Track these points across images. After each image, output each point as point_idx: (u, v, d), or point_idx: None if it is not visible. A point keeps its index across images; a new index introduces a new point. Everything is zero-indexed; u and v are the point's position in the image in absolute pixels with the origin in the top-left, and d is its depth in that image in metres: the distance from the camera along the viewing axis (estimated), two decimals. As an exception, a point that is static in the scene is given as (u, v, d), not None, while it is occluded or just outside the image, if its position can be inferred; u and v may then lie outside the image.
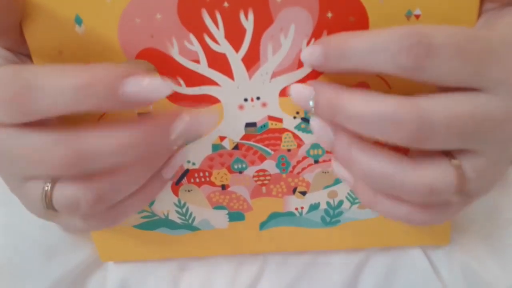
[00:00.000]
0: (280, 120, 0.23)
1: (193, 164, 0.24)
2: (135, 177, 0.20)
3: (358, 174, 0.20)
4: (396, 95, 0.18)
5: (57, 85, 0.17)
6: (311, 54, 0.20)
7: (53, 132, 0.18)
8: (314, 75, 0.22)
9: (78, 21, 0.20)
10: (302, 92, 0.20)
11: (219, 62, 0.21)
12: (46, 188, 0.19)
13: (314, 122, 0.21)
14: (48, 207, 0.19)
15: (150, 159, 0.21)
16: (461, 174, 0.18)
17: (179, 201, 0.26)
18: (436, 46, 0.17)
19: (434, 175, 0.18)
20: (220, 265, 0.29)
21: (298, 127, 0.23)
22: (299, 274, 0.29)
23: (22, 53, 0.22)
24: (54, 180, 0.19)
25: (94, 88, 0.17)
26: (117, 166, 0.19)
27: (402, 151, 0.19)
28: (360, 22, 0.20)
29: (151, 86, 0.17)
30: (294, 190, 0.25)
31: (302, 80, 0.22)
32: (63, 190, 0.19)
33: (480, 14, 0.20)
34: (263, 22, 0.20)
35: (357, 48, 0.18)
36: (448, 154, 0.19)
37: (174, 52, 0.21)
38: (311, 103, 0.20)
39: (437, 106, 0.17)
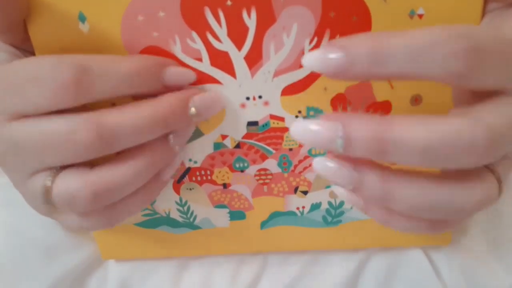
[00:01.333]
0: (282, 119, 0.23)
1: (195, 162, 0.24)
2: (135, 176, 0.20)
3: (400, 209, 0.17)
4: (453, 115, 0.16)
5: (114, 71, 0.19)
6: (328, 59, 0.16)
7: (73, 115, 0.19)
8: (316, 74, 0.22)
9: (82, 18, 0.20)
10: (321, 134, 0.17)
11: (221, 60, 0.21)
12: (48, 182, 0.19)
13: (326, 163, 0.18)
14: (47, 202, 0.20)
15: (149, 158, 0.21)
16: (502, 184, 0.18)
17: (181, 200, 0.26)
18: (485, 48, 0.15)
19: (483, 191, 0.17)
20: (221, 264, 0.29)
21: (300, 126, 0.23)
22: (299, 274, 0.29)
23: (26, 50, 0.22)
24: (56, 174, 0.20)
25: (145, 75, 0.20)
26: (134, 144, 0.20)
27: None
28: (363, 21, 0.20)
29: (182, 73, 0.21)
30: (296, 190, 0.25)
31: (304, 79, 0.22)
32: (63, 184, 0.19)
33: (484, 14, 0.20)
34: (266, 20, 0.20)
35: (397, 49, 0.15)
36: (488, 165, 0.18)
37: (177, 50, 0.21)
38: (339, 141, 0.16)
39: (502, 119, 0.16)
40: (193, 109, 0.21)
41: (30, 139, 0.19)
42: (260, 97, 0.22)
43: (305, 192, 0.25)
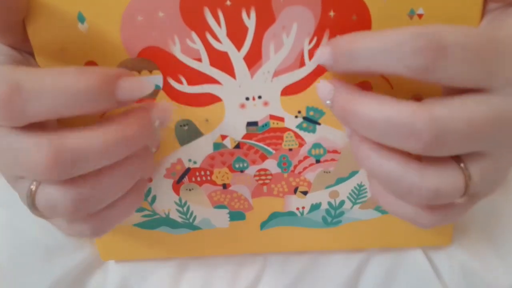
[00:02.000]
0: (281, 119, 0.23)
1: (194, 162, 0.24)
2: (115, 185, 0.20)
3: (366, 170, 0.20)
4: (410, 101, 0.17)
5: (51, 87, 0.17)
6: (321, 56, 0.20)
7: (36, 133, 0.18)
8: (316, 74, 0.22)
9: (81, 19, 0.20)
10: (324, 89, 0.20)
11: (221, 61, 0.21)
12: (32, 188, 0.19)
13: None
14: (32, 208, 0.19)
15: (131, 164, 0.20)
16: (467, 177, 0.18)
17: (180, 200, 0.26)
18: (448, 47, 0.16)
19: (441, 179, 0.18)
20: (221, 265, 0.29)
21: (299, 126, 0.23)
22: (299, 275, 0.28)
23: (25, 51, 0.22)
24: (39, 182, 0.19)
25: (93, 93, 0.17)
26: (101, 166, 0.19)
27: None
28: (363, 21, 0.20)
29: (140, 84, 0.19)
30: (295, 190, 0.25)
31: (303, 79, 0.22)
32: (44, 192, 0.19)
33: (483, 14, 0.20)
34: (265, 20, 0.20)
35: (366, 49, 0.17)
36: (456, 157, 0.19)
37: (176, 50, 0.21)
38: (328, 102, 0.20)
39: (452, 113, 0.17)
40: (157, 122, 0.21)
41: (2, 150, 0.18)
42: (259, 97, 0.22)
43: (304, 193, 0.25)
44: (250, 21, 0.20)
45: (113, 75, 0.18)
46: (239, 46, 0.21)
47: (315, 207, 0.26)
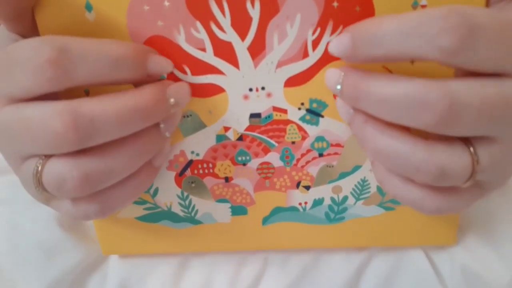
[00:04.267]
0: (285, 111, 0.23)
1: (197, 155, 0.24)
2: (125, 162, 0.20)
3: (371, 152, 0.19)
4: (423, 78, 0.17)
5: (98, 54, 0.18)
6: (339, 44, 0.19)
7: (52, 102, 0.18)
8: (319, 65, 0.22)
9: (88, 7, 0.21)
10: (333, 75, 0.20)
11: (225, 51, 0.21)
12: (38, 165, 0.19)
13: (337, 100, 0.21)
14: (38, 186, 0.19)
15: (141, 142, 0.20)
16: (475, 160, 0.18)
17: (182, 193, 0.26)
18: (479, 25, 0.16)
19: (448, 157, 0.18)
20: (221, 264, 0.29)
21: (303, 118, 0.23)
22: (300, 275, 0.28)
23: None
24: (47, 159, 0.19)
25: (130, 60, 0.19)
26: (113, 138, 0.19)
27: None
28: (366, 12, 0.20)
29: (164, 62, 0.21)
30: (298, 184, 0.25)
31: (307, 71, 0.22)
32: (52, 167, 0.19)
33: (488, 6, 0.20)
34: (269, 10, 0.21)
35: (393, 30, 0.17)
36: (465, 140, 0.18)
37: (181, 40, 0.21)
38: (338, 87, 0.20)
39: (468, 89, 0.17)
40: (172, 99, 0.21)
41: (13, 125, 0.19)
42: (263, 88, 0.22)
43: (307, 187, 0.25)
44: (254, 11, 0.21)
45: (146, 48, 0.20)
46: (243, 36, 0.21)
47: (317, 202, 0.26)
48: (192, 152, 0.24)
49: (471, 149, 0.18)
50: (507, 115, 0.17)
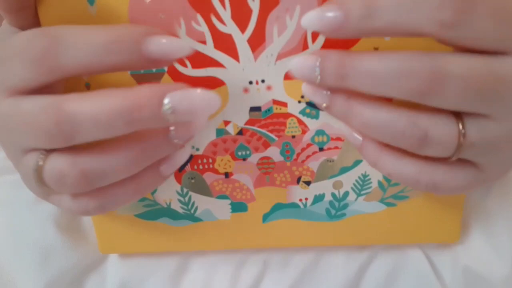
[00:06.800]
0: (285, 104, 0.23)
1: (197, 149, 0.24)
2: (126, 162, 0.20)
3: (359, 125, 0.19)
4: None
5: (86, 40, 0.18)
6: (323, 15, 0.17)
7: (45, 97, 0.18)
8: None
9: (90, 0, 0.21)
10: (306, 62, 0.19)
11: (225, 44, 0.22)
12: (40, 160, 0.19)
13: (306, 87, 0.20)
14: (38, 181, 0.19)
15: (143, 147, 0.20)
16: (462, 133, 0.18)
17: (182, 189, 0.25)
18: (479, 2, 0.16)
19: (433, 124, 0.18)
20: (222, 265, 0.28)
21: (303, 112, 0.23)
22: (300, 276, 0.28)
23: None
24: (48, 153, 0.19)
25: (121, 44, 0.18)
26: (106, 137, 0.18)
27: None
28: None
29: (171, 44, 0.18)
30: (299, 180, 0.25)
31: None
32: (53, 163, 0.19)
33: None
34: (269, 3, 0.21)
35: (388, 3, 0.16)
36: (456, 114, 0.18)
37: (182, 33, 0.21)
38: (317, 70, 0.18)
39: (455, 60, 0.17)
40: (167, 106, 0.18)
41: (11, 118, 0.19)
42: (263, 81, 0.22)
43: (308, 183, 0.25)
44: (254, 3, 0.21)
45: (142, 29, 0.18)
46: (243, 29, 0.21)
47: (318, 198, 0.25)
48: (192, 147, 0.24)
49: (460, 122, 0.18)
50: (499, 92, 0.17)
